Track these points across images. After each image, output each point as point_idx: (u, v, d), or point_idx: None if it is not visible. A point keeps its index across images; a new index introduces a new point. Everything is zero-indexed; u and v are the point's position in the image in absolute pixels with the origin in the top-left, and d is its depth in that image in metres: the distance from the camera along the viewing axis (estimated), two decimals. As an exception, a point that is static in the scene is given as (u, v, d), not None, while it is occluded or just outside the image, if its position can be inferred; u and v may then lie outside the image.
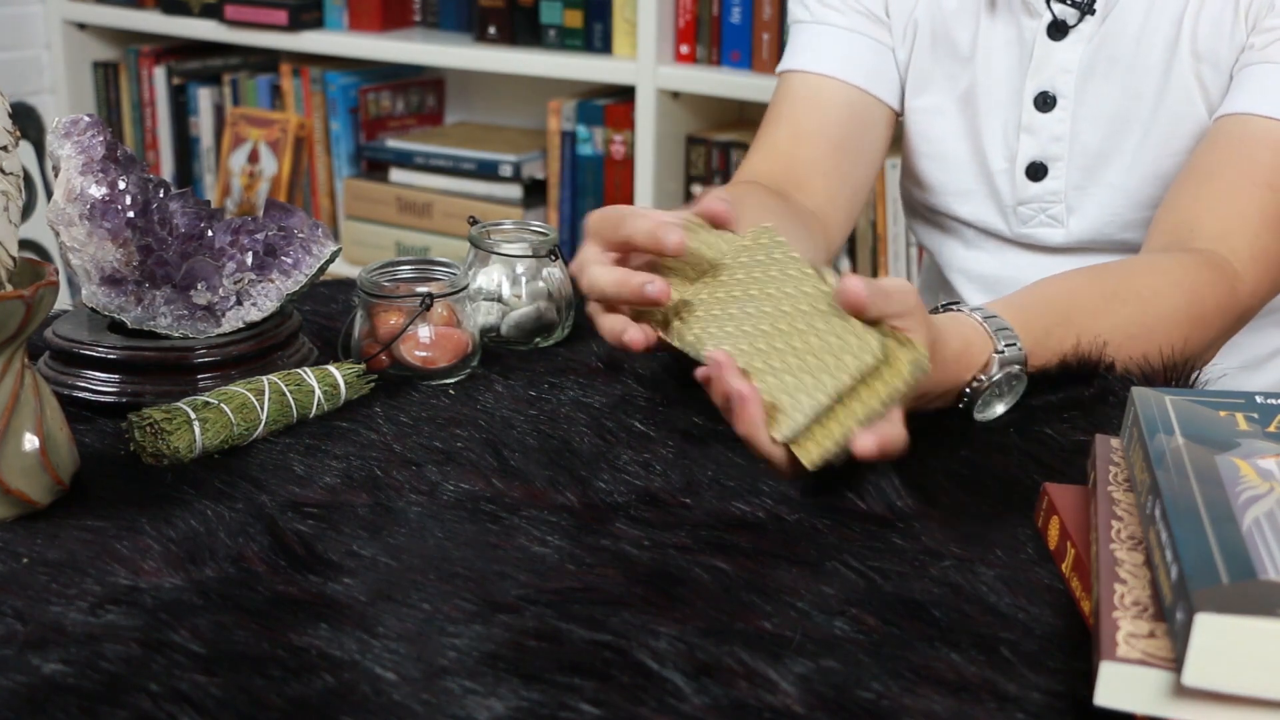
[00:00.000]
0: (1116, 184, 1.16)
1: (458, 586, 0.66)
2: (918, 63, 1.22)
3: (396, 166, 2.50)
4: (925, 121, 1.23)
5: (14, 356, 0.72)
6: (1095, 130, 1.15)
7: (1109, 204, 1.16)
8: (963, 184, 1.22)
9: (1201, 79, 1.10)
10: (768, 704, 0.57)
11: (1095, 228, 1.17)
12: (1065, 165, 1.17)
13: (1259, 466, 0.62)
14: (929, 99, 1.22)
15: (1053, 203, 1.18)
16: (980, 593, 0.66)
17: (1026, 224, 1.20)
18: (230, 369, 0.89)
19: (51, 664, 0.59)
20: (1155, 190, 1.14)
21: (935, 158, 1.24)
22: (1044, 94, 1.16)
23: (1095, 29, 1.13)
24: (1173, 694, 0.52)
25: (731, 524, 0.73)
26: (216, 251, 0.91)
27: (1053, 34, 1.14)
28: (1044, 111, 1.16)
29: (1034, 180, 1.18)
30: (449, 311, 0.94)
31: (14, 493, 0.73)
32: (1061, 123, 1.16)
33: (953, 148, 1.22)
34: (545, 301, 1.02)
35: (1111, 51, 1.13)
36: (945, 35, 1.20)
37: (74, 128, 0.87)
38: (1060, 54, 1.15)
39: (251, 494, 0.77)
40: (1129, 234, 1.16)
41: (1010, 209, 1.20)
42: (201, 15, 2.58)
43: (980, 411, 0.86)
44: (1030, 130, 1.17)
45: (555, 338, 1.03)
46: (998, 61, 1.18)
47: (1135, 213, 1.15)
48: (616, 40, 2.22)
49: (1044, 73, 1.15)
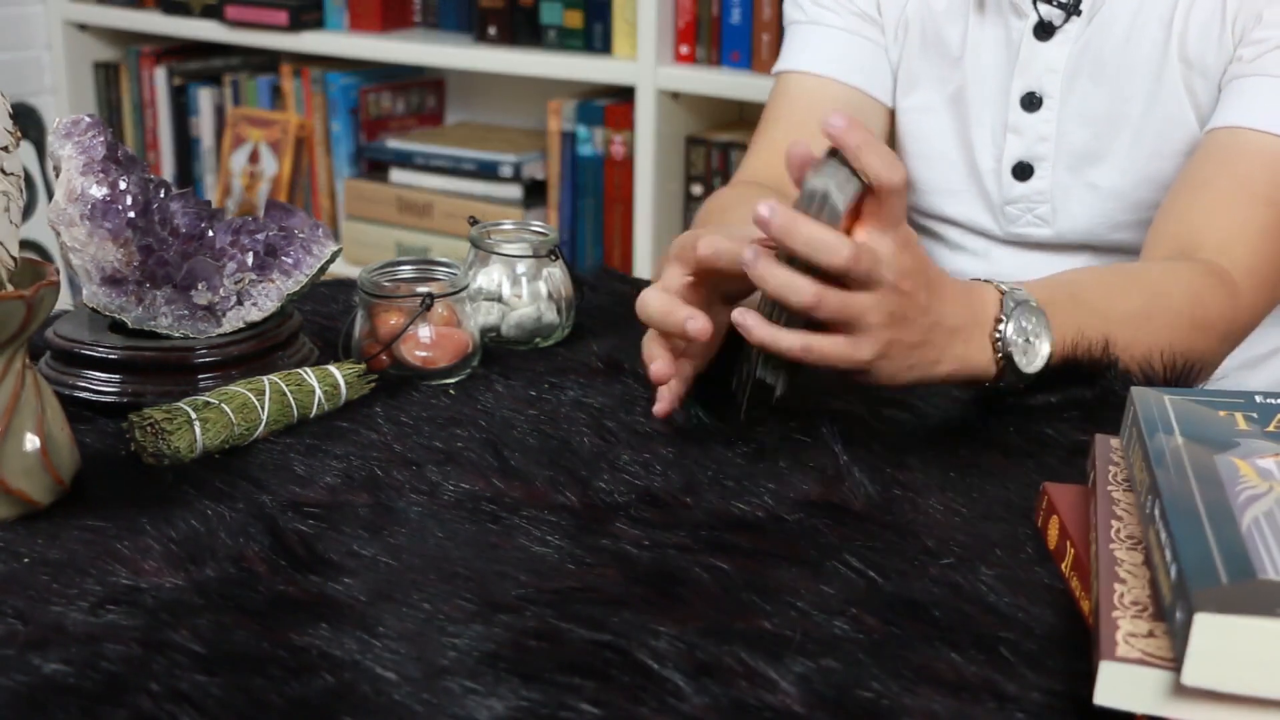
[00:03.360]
0: (1106, 185, 1.16)
1: (458, 586, 0.66)
2: (908, 62, 1.23)
3: (397, 167, 2.50)
4: (915, 121, 1.24)
5: (15, 357, 0.72)
6: (1082, 131, 1.16)
7: (1099, 205, 1.17)
8: (952, 183, 1.23)
9: (1190, 86, 1.11)
10: (768, 704, 0.57)
11: (1086, 228, 1.18)
12: (1051, 165, 1.17)
13: (1258, 466, 0.62)
14: (919, 98, 1.23)
15: (1039, 202, 1.19)
16: (980, 592, 0.66)
17: (1014, 223, 1.20)
18: (231, 369, 0.89)
19: (52, 664, 0.59)
20: (1148, 193, 1.14)
21: (924, 157, 1.24)
22: (1030, 94, 1.16)
23: (1081, 30, 1.14)
24: (1172, 693, 0.53)
25: (731, 524, 0.73)
26: (217, 252, 0.91)
27: (1039, 34, 1.15)
28: (1030, 111, 1.17)
29: (1020, 180, 1.18)
30: (449, 311, 0.94)
31: (15, 493, 0.73)
32: (1047, 123, 1.16)
33: (942, 147, 1.23)
34: (545, 301, 1.02)
35: (1097, 53, 1.14)
36: (935, 35, 1.21)
37: (75, 128, 0.87)
38: (1046, 54, 1.15)
39: (252, 494, 0.77)
40: (1120, 235, 1.17)
41: (998, 208, 1.21)
42: (202, 16, 2.58)
43: (1026, 357, 0.85)
44: (1017, 130, 1.18)
45: (555, 338, 1.03)
46: (986, 61, 1.19)
47: (1128, 214, 1.16)
48: (616, 40, 2.22)
49: (1030, 73, 1.16)
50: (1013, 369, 0.84)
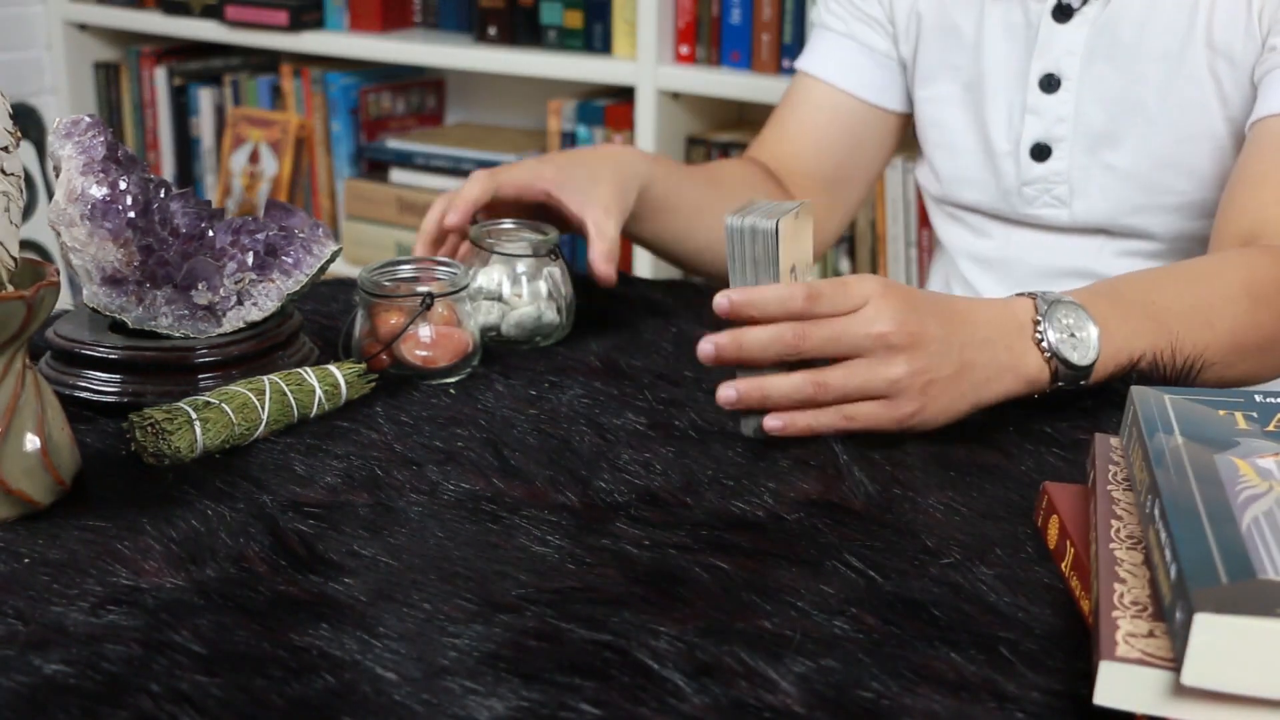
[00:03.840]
0: (1123, 167, 1.17)
1: (458, 586, 0.66)
2: (924, 55, 1.26)
3: (397, 167, 2.50)
4: (934, 110, 1.27)
5: (15, 357, 0.72)
6: (1099, 112, 1.17)
7: (1116, 187, 1.17)
8: (968, 170, 1.25)
9: (1215, 71, 1.11)
10: (768, 704, 0.57)
11: (1104, 210, 1.18)
12: (1069, 146, 1.18)
13: (1258, 466, 0.62)
14: (936, 88, 1.26)
15: (1056, 183, 1.19)
16: (980, 592, 0.66)
17: (1031, 204, 1.21)
18: (231, 369, 0.89)
19: (53, 664, 0.59)
20: (1165, 177, 1.15)
21: (944, 146, 1.27)
22: (1049, 75, 1.18)
23: (1099, 12, 1.15)
24: (1172, 693, 0.53)
25: (731, 524, 0.73)
26: (217, 251, 0.91)
27: (1058, 16, 1.17)
28: (1049, 93, 1.18)
29: (1038, 161, 1.20)
30: (449, 311, 0.94)
31: (15, 493, 0.73)
32: (1065, 104, 1.17)
33: (959, 134, 1.25)
34: (545, 301, 1.02)
35: (1114, 35, 1.15)
36: (949, 23, 1.23)
37: (75, 128, 0.87)
38: (1065, 36, 1.16)
39: (252, 494, 0.77)
40: (1139, 219, 1.17)
41: (1014, 190, 1.22)
42: (202, 16, 2.58)
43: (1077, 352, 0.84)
44: (1035, 111, 1.19)
45: (555, 337, 1.03)
46: (1001, 45, 1.20)
47: (1146, 197, 1.16)
48: (616, 41, 2.22)
49: (1049, 54, 1.17)
50: (1066, 365, 0.85)
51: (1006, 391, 0.84)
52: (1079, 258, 1.21)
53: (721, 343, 0.82)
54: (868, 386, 0.81)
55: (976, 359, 0.83)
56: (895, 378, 0.80)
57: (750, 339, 0.81)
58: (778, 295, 0.80)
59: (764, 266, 0.81)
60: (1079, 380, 0.86)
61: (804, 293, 0.80)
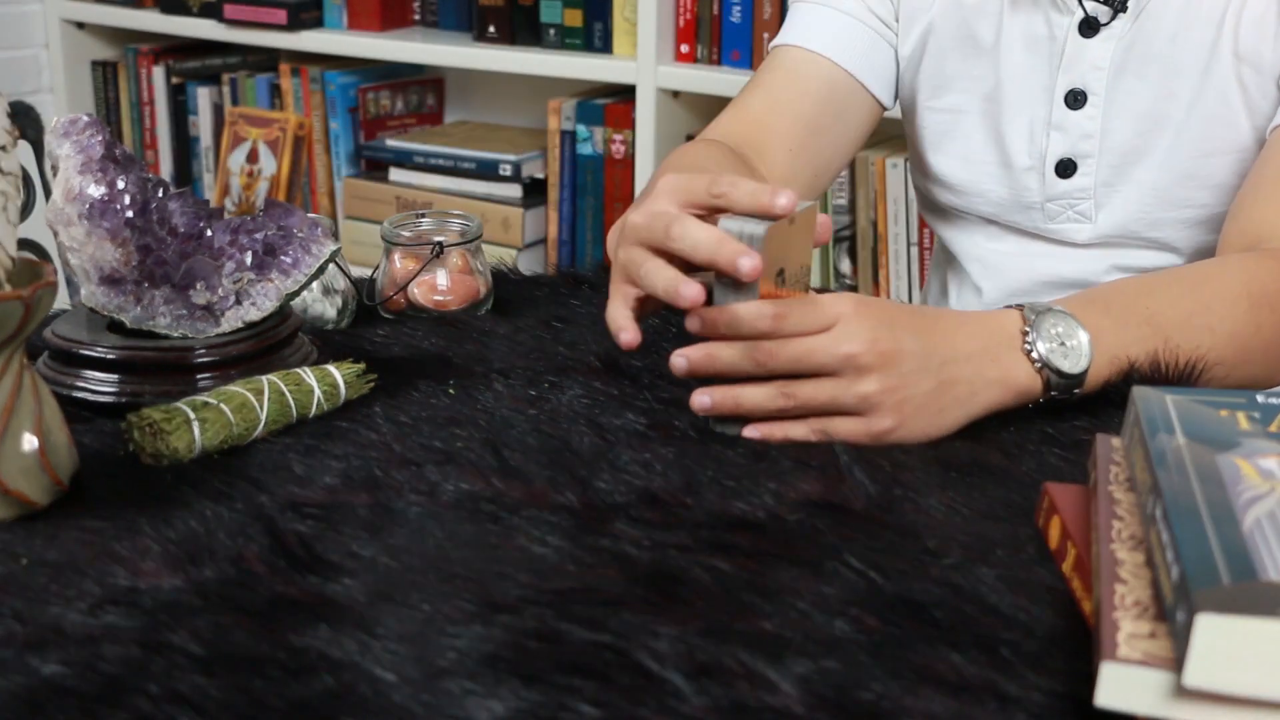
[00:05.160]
0: (1147, 181, 1.16)
1: (458, 587, 0.66)
2: (938, 65, 1.22)
3: (396, 166, 2.50)
4: (949, 122, 1.24)
5: (13, 357, 0.72)
6: (1126, 128, 1.15)
7: (1138, 201, 1.17)
8: (986, 182, 1.23)
9: (1243, 80, 1.10)
10: (768, 704, 0.57)
11: (1123, 224, 1.18)
12: (1095, 162, 1.17)
13: (1260, 466, 0.62)
14: (951, 99, 1.23)
15: (1081, 199, 1.18)
16: (981, 593, 0.66)
17: (1053, 220, 1.20)
18: (230, 369, 0.89)
19: (51, 665, 0.59)
20: (1186, 190, 1.14)
21: (959, 157, 1.24)
22: (1075, 91, 1.16)
23: (1127, 27, 1.13)
24: (1174, 695, 0.52)
25: (731, 524, 0.73)
26: (215, 251, 0.91)
27: (1084, 31, 1.15)
28: (1075, 109, 1.16)
29: (1063, 177, 1.18)
30: (463, 260, 1.08)
31: (13, 493, 0.73)
32: (1092, 120, 1.16)
33: (977, 146, 1.22)
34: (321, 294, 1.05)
35: (1144, 50, 1.13)
36: (967, 33, 1.20)
37: (72, 127, 0.87)
38: (1092, 51, 1.15)
39: (251, 494, 0.77)
40: (1160, 232, 1.17)
41: (1037, 205, 1.20)
42: (200, 14, 2.58)
43: (1068, 360, 0.84)
44: (1061, 127, 1.17)
45: (338, 326, 1.05)
46: (1022, 58, 1.18)
47: (1165, 211, 1.16)
48: (616, 40, 2.22)
49: (1075, 70, 1.15)
50: (1058, 374, 0.84)
51: (996, 404, 0.84)
52: (1095, 268, 1.19)
53: (694, 357, 0.82)
54: (836, 402, 0.81)
55: (959, 374, 0.82)
56: (865, 394, 0.80)
57: (722, 355, 0.81)
58: (748, 312, 0.80)
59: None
60: (1073, 389, 0.86)
61: (772, 311, 0.80)
